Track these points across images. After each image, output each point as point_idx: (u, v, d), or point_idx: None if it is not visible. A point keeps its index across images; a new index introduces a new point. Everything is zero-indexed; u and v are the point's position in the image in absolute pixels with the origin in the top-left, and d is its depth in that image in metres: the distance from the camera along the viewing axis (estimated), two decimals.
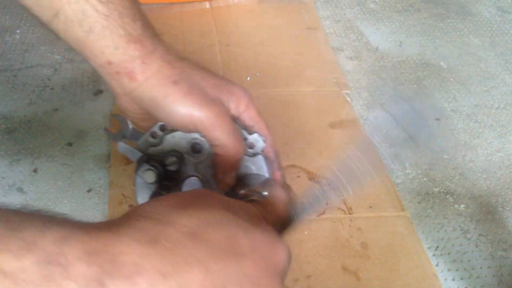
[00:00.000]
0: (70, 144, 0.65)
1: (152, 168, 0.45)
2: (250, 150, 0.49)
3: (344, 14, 0.92)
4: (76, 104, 0.70)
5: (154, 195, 0.46)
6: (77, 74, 0.75)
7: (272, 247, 0.33)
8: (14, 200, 0.58)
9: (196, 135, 0.47)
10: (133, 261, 0.27)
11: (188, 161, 0.47)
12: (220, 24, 0.86)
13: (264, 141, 0.49)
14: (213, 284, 0.28)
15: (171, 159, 0.46)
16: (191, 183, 0.47)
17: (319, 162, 0.64)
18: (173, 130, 0.47)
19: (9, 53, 0.78)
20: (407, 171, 0.64)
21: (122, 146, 0.47)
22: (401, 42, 0.86)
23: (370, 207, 0.59)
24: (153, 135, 0.47)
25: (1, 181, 0.60)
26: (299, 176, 0.61)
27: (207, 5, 0.90)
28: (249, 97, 0.49)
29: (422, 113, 0.72)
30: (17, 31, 0.83)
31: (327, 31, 0.87)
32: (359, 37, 0.86)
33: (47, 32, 0.89)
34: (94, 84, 0.73)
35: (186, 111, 0.44)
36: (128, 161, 0.62)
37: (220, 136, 0.45)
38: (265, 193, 0.45)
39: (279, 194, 0.43)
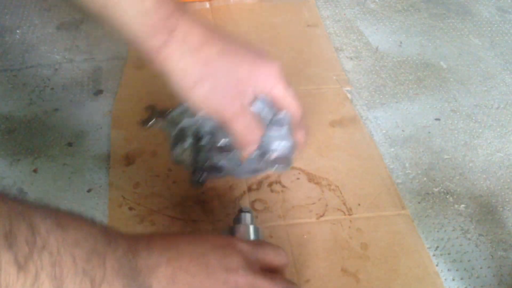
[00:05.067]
0: (70, 144, 0.65)
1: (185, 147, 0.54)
2: (275, 128, 0.54)
3: (344, 14, 0.92)
4: (76, 104, 0.70)
5: (195, 172, 0.56)
6: (77, 74, 0.75)
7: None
8: None
9: None
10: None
11: (218, 129, 0.55)
12: (220, 24, 0.86)
13: (291, 117, 0.55)
14: None
15: (212, 138, 0.55)
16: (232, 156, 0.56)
17: (319, 163, 0.63)
18: None
19: (9, 53, 0.78)
20: (407, 171, 0.64)
21: (160, 122, 0.54)
22: (401, 42, 0.86)
23: (370, 207, 0.59)
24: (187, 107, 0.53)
25: (1, 181, 0.60)
26: (298, 178, 0.61)
27: (207, 5, 0.90)
28: (277, 74, 0.52)
29: (422, 113, 0.72)
30: (17, 31, 0.83)
31: (327, 31, 0.87)
32: (359, 37, 0.86)
33: (47, 32, 0.89)
34: (94, 84, 0.73)
35: (207, 110, 0.50)
36: (127, 162, 0.62)
37: (237, 131, 0.51)
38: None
39: None
